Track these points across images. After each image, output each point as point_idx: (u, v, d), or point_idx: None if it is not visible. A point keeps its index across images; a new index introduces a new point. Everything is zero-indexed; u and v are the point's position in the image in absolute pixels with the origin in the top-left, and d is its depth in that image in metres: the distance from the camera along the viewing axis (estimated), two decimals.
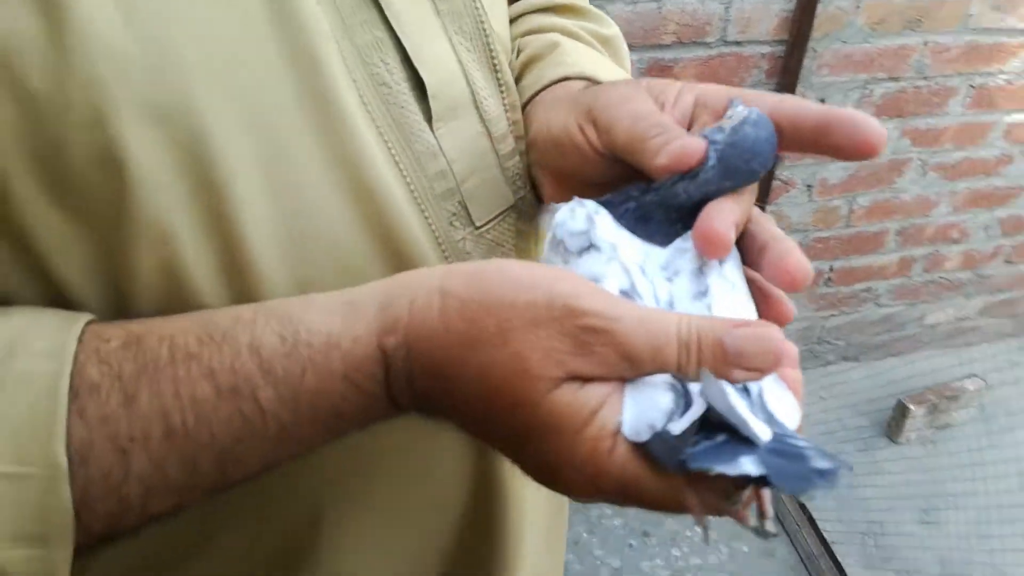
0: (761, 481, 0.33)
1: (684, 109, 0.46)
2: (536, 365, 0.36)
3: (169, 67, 0.37)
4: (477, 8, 0.52)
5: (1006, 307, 2.81)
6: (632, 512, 2.17)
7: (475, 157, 0.51)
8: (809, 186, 2.29)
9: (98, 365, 0.36)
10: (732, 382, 0.37)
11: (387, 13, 0.46)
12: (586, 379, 0.37)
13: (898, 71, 2.12)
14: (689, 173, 0.43)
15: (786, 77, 2.01)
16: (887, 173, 2.33)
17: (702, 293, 0.42)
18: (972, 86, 2.22)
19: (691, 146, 0.42)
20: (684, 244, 0.44)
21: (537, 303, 0.36)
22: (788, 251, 0.42)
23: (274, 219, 0.42)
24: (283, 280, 0.43)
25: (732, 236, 0.42)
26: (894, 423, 2.51)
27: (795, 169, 2.25)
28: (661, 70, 1.93)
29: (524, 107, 0.57)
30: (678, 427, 0.35)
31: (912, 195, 2.39)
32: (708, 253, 0.42)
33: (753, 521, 0.36)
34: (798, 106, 0.43)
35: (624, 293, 0.41)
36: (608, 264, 0.42)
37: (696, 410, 0.36)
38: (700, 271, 0.43)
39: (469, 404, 0.38)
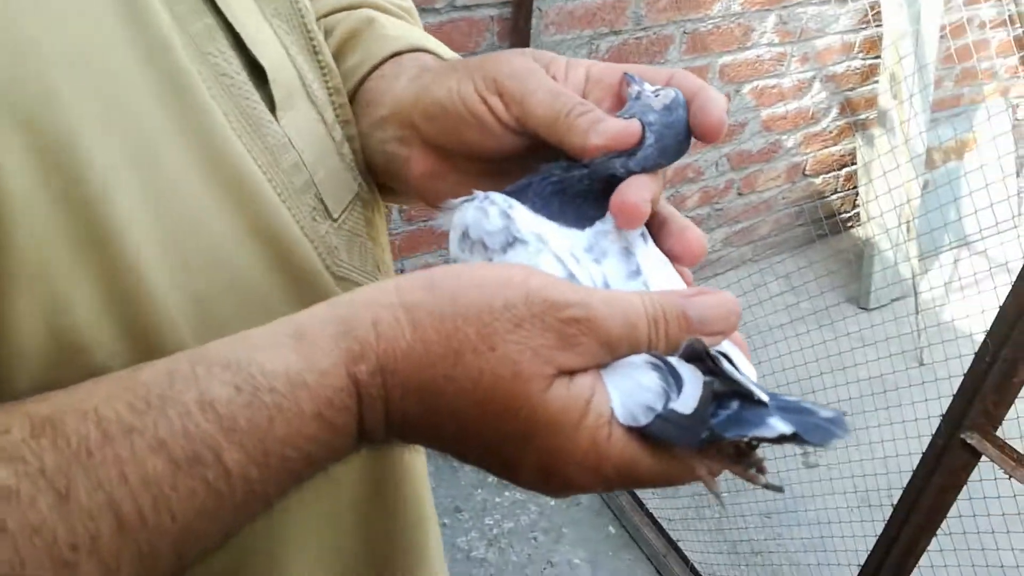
0: (788, 438, 0.33)
1: (576, 84, 0.46)
2: (527, 366, 0.35)
3: (26, 58, 0.32)
4: None
5: (744, 235, 3.08)
6: (442, 490, 2.15)
7: (317, 146, 0.49)
8: None
9: (6, 465, 0.30)
10: None
11: None
12: (572, 372, 0.36)
13: (619, 24, 2.23)
14: (626, 151, 0.43)
15: (516, 38, 2.04)
16: None
17: (635, 272, 0.43)
18: (686, 32, 2.38)
19: (631, 127, 0.43)
20: (605, 227, 0.44)
21: (515, 302, 0.35)
22: (687, 226, 0.45)
23: (158, 234, 0.37)
24: (177, 302, 0.39)
25: (649, 208, 0.42)
26: None
27: None
28: None
29: (355, 88, 0.54)
30: (685, 405, 0.35)
31: None
32: (627, 224, 0.43)
33: (763, 479, 0.38)
34: (693, 87, 0.44)
35: None
36: (539, 255, 0.41)
37: (695, 384, 0.35)
38: (627, 251, 0.44)
39: (460, 418, 0.36)
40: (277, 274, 0.44)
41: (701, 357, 0.36)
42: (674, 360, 0.37)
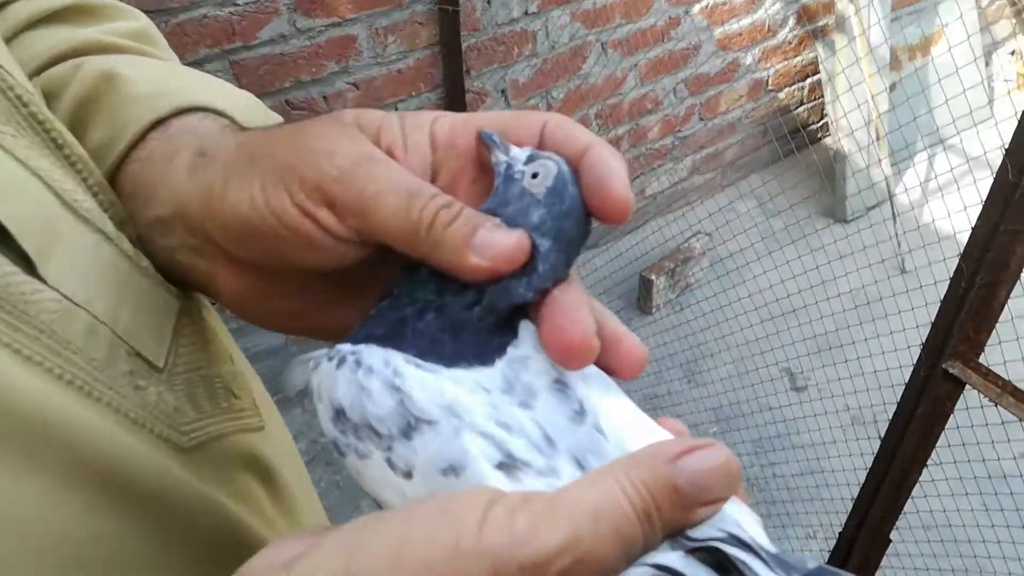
0: None
1: (422, 157, 0.36)
2: None
3: None
4: None
5: (711, 161, 2.99)
6: None
7: (109, 279, 0.37)
8: (502, 91, 2.25)
9: None
10: (692, 526, 0.29)
11: None
12: None
13: None
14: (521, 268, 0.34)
15: None
16: (572, 61, 2.34)
17: (579, 413, 0.33)
18: None
19: (520, 244, 0.33)
20: (519, 351, 0.34)
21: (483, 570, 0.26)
22: (621, 337, 0.36)
23: None
24: None
25: (597, 338, 0.33)
26: (642, 297, 2.61)
27: (483, 77, 2.19)
28: None
29: (109, 175, 0.40)
30: None
31: (600, 77, 2.43)
32: (578, 365, 0.33)
33: None
34: (576, 147, 0.35)
35: (503, 468, 0.31)
36: (458, 437, 0.31)
37: None
38: (559, 382, 0.34)
39: None
40: (115, 519, 0.34)
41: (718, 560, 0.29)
42: (680, 564, 0.29)
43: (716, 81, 2.79)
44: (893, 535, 1.39)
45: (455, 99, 2.13)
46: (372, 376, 0.32)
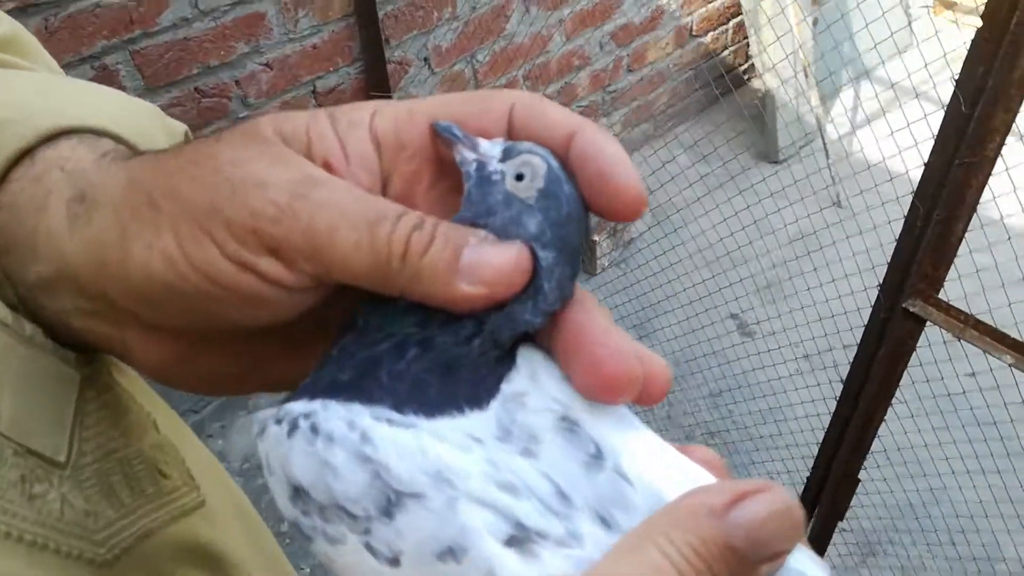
0: None
1: (368, 164, 0.29)
2: None
3: None
4: None
5: (642, 112, 2.95)
6: None
7: None
8: (425, 59, 2.16)
9: None
10: None
11: None
12: None
13: None
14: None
15: None
16: (495, 21, 2.26)
17: (595, 456, 0.27)
18: None
19: (520, 259, 0.27)
20: (513, 386, 0.28)
21: None
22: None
23: None
24: None
25: (638, 363, 0.28)
26: (586, 258, 2.57)
27: (404, 46, 2.10)
28: None
29: None
30: None
31: (525, 36, 2.36)
32: (617, 400, 0.28)
33: None
34: (561, 132, 0.29)
35: (514, 545, 0.24)
36: (453, 512, 0.25)
37: None
38: (566, 420, 0.27)
39: None
40: None
41: None
42: None
43: (641, 31, 2.74)
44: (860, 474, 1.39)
45: (375, 71, 2.03)
46: (334, 446, 0.25)
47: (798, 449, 1.89)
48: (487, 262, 0.26)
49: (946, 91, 1.03)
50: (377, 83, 2.04)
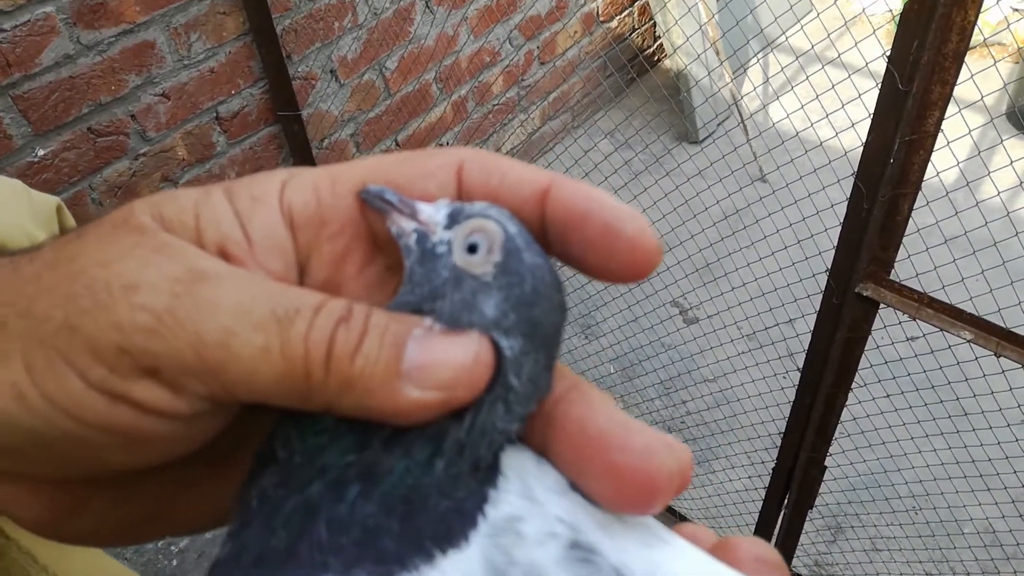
0: None
1: (278, 246, 0.23)
2: None
3: None
4: None
5: (558, 104, 2.91)
6: None
7: None
8: (332, 71, 2.07)
9: None
10: None
11: None
12: None
13: None
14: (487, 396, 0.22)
15: None
16: (399, 25, 2.17)
17: None
18: None
19: (480, 354, 0.22)
20: (502, 510, 0.22)
21: None
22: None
23: None
24: None
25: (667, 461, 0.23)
26: None
27: (307, 60, 2.00)
28: None
29: None
30: None
31: (431, 38, 2.28)
32: (650, 510, 0.22)
33: None
34: (530, 189, 0.24)
35: None
36: None
37: None
38: (576, 547, 0.21)
39: None
40: None
41: None
42: None
43: (549, 21, 2.69)
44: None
45: (281, 89, 1.93)
46: None
47: (754, 429, 1.88)
48: (438, 359, 0.21)
49: (879, 67, 1.00)
50: (284, 101, 1.94)
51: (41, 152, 1.59)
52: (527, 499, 0.22)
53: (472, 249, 0.22)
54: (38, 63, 1.53)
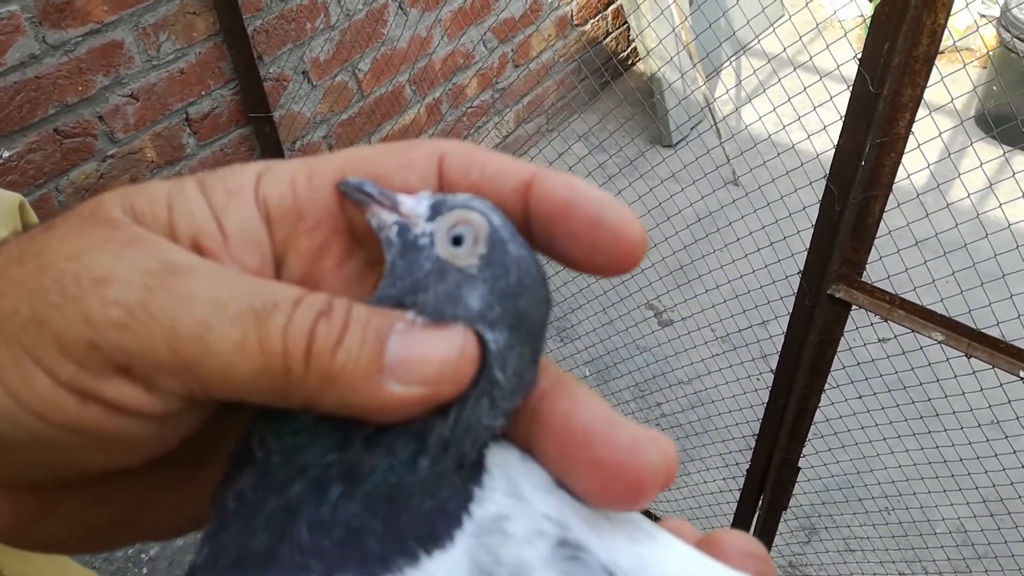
0: None
1: (253, 239, 0.23)
2: None
3: None
4: None
5: (532, 107, 2.90)
6: None
7: None
8: (304, 72, 2.05)
9: None
10: None
11: None
12: None
13: None
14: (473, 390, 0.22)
15: None
16: (372, 26, 2.16)
17: None
18: None
19: (465, 348, 0.21)
20: (487, 509, 0.21)
21: None
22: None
23: None
24: None
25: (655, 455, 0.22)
26: None
27: (279, 61, 1.98)
28: None
29: None
30: None
31: (405, 40, 2.27)
32: (637, 506, 0.22)
33: None
34: (512, 181, 0.23)
35: None
36: None
37: None
38: (564, 545, 0.21)
39: None
40: None
41: None
42: None
43: (523, 24, 2.69)
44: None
45: (252, 91, 1.91)
46: None
47: (729, 431, 1.89)
48: (422, 353, 0.20)
49: (850, 71, 1.00)
50: (256, 103, 1.91)
51: (6, 154, 1.56)
52: (513, 497, 0.22)
53: (457, 241, 0.22)
54: (2, 63, 1.50)
